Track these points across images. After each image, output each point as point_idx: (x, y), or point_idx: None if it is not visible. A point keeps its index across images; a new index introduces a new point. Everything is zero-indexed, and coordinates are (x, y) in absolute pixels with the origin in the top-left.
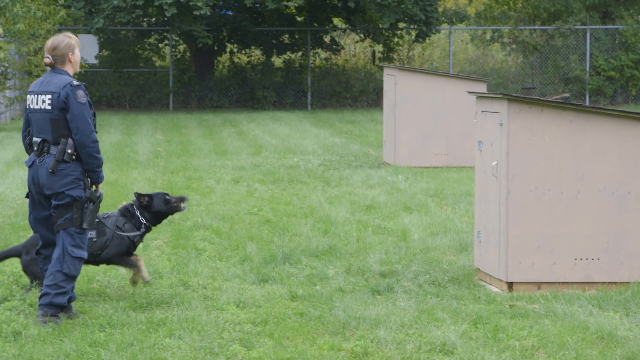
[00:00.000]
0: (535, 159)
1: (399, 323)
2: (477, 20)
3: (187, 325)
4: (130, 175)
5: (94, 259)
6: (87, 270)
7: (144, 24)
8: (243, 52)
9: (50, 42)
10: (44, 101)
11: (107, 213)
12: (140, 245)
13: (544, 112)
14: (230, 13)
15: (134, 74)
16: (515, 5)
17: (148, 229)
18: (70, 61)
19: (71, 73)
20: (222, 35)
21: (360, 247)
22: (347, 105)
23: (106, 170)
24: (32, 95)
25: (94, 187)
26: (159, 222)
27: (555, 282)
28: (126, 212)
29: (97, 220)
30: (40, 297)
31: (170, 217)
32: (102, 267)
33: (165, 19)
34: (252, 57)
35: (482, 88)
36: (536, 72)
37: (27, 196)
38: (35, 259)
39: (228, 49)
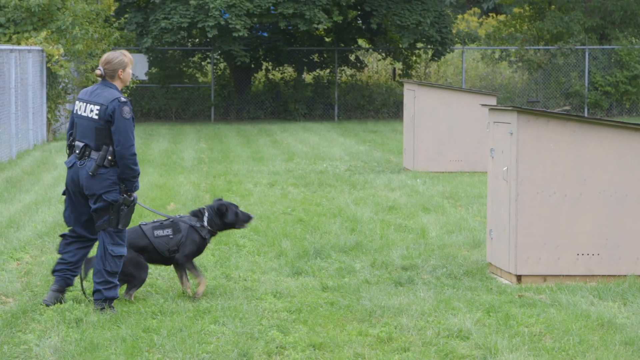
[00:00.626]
0: (541, 164)
1: (419, 311)
2: (487, 41)
3: (230, 313)
4: (177, 179)
5: (169, 255)
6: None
7: (189, 44)
8: (277, 69)
9: (105, 56)
10: (92, 110)
11: (181, 215)
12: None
13: (549, 122)
14: (265, 34)
15: (179, 89)
16: (521, 27)
17: (213, 234)
18: (120, 77)
19: (119, 88)
20: (258, 54)
21: (384, 243)
22: (370, 116)
23: (155, 175)
24: (81, 103)
25: (125, 195)
26: (223, 229)
27: (560, 275)
28: (198, 213)
29: (172, 220)
30: (94, 292)
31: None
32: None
33: (208, 39)
34: (285, 74)
35: (492, 101)
36: (540, 87)
37: (63, 193)
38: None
39: (264, 67)
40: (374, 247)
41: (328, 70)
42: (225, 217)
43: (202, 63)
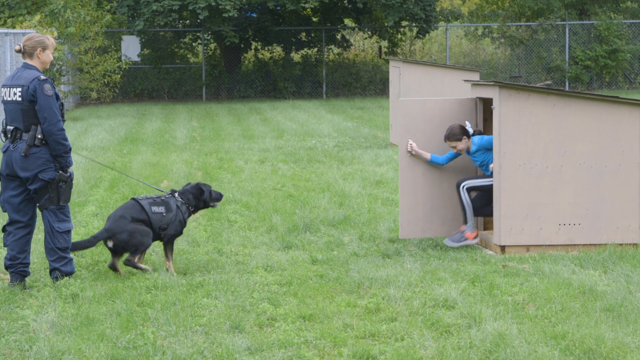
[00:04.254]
0: (523, 137)
1: (406, 282)
2: (470, 18)
3: (222, 287)
4: (169, 158)
5: (159, 232)
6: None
7: (180, 25)
8: (266, 48)
9: (27, 35)
10: (15, 93)
11: (166, 195)
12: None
13: (530, 97)
14: (254, 15)
15: (171, 69)
16: (503, 4)
17: (191, 213)
18: (39, 57)
19: (40, 69)
20: (247, 35)
21: (371, 217)
22: (357, 94)
23: (148, 153)
24: (5, 89)
25: (60, 171)
26: (199, 209)
27: (542, 245)
28: (185, 194)
29: (163, 198)
30: (51, 271)
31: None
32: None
33: (198, 21)
34: (274, 53)
35: (475, 77)
36: (522, 62)
37: None
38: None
39: (253, 46)
40: (362, 220)
41: (316, 49)
42: (203, 196)
43: (193, 44)
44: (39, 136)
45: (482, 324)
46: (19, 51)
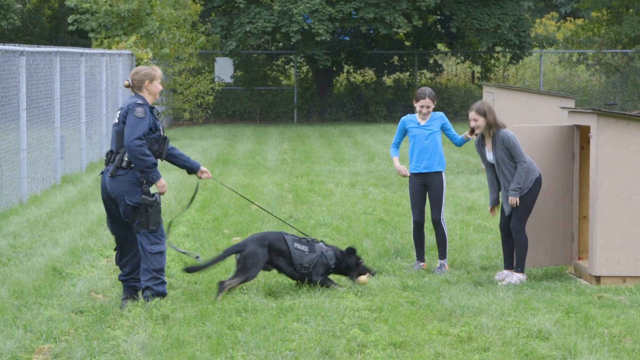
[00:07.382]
0: (621, 166)
1: (499, 311)
2: (565, 45)
3: (312, 312)
4: (260, 179)
5: (300, 270)
6: (226, 263)
7: (273, 48)
8: (358, 72)
9: (134, 68)
10: (116, 117)
11: (312, 238)
12: None
13: (629, 125)
14: (347, 38)
15: (263, 91)
16: (599, 31)
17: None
18: (147, 88)
19: (149, 101)
20: (340, 58)
21: (463, 243)
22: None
23: (239, 175)
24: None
25: (144, 196)
26: (343, 274)
27: (639, 276)
28: (332, 248)
29: (308, 240)
30: (143, 290)
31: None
32: (229, 264)
33: (291, 43)
34: (366, 77)
35: (570, 104)
36: (617, 90)
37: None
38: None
39: (345, 70)
40: (453, 247)
41: (408, 74)
42: (348, 261)
43: (286, 66)
44: (126, 158)
45: (577, 357)
46: (128, 86)
